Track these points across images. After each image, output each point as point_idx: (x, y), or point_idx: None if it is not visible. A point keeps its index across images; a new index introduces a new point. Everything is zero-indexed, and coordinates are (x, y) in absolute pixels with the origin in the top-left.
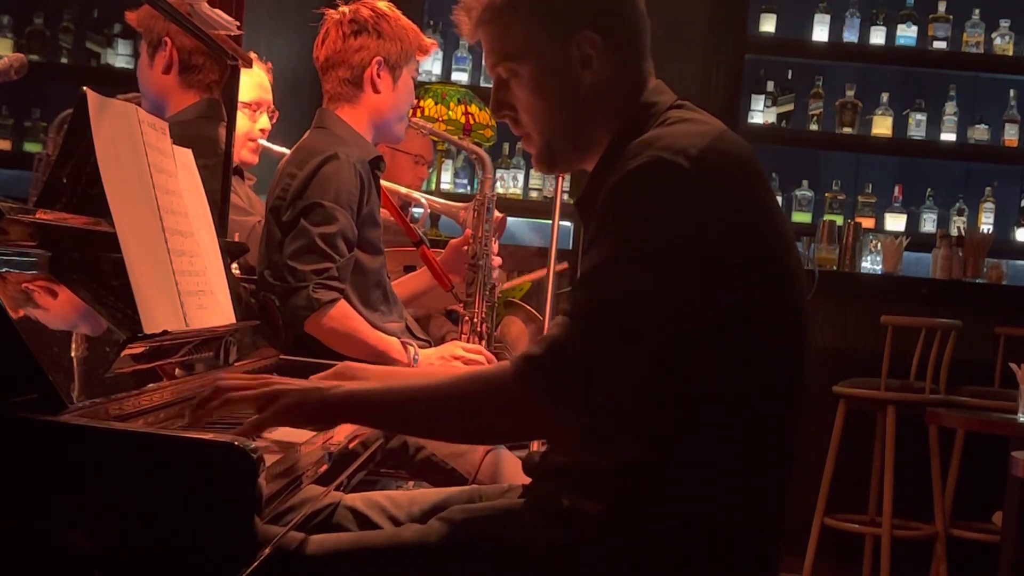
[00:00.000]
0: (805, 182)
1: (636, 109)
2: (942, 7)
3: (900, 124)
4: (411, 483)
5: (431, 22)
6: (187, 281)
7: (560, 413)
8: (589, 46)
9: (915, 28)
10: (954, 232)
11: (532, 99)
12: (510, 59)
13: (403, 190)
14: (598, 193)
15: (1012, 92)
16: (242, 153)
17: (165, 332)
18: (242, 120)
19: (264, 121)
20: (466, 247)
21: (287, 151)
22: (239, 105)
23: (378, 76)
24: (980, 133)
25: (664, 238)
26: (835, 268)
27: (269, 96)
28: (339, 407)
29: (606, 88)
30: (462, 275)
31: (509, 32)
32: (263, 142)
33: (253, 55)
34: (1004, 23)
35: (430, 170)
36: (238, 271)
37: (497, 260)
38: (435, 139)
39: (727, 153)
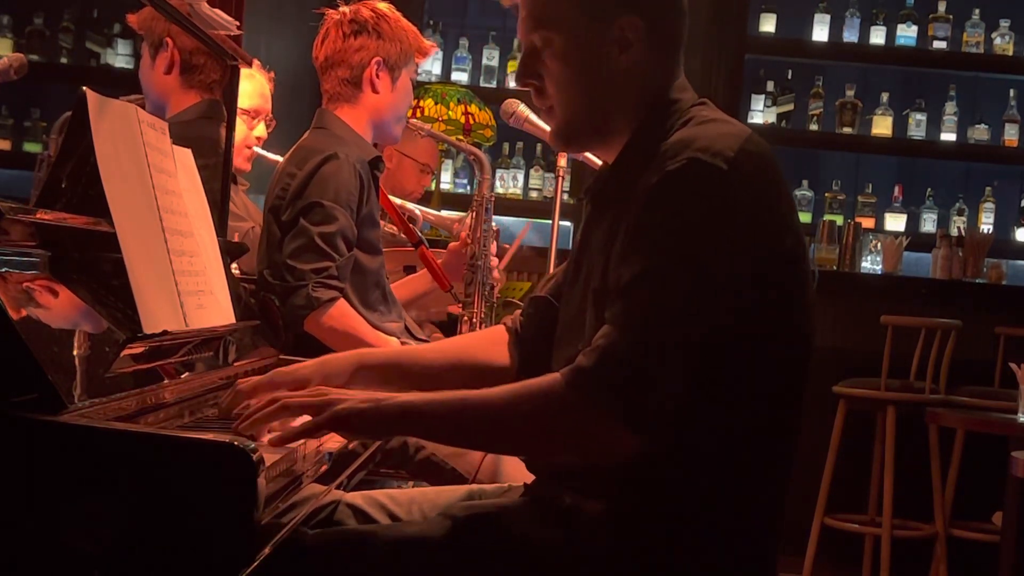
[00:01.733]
0: (805, 182)
1: (660, 103)
2: (942, 7)
3: (900, 124)
4: (411, 483)
5: (431, 22)
6: (187, 281)
7: (615, 424)
8: (631, 30)
9: (915, 28)
10: (954, 232)
11: (563, 72)
12: (547, 27)
13: (398, 201)
14: (616, 186)
15: (1012, 92)
16: (237, 159)
17: (165, 332)
18: (239, 127)
19: (261, 130)
20: (464, 249)
21: (280, 159)
22: (239, 111)
23: (377, 76)
24: (980, 133)
25: (704, 243)
26: (835, 268)
27: (268, 105)
28: (394, 418)
29: (637, 76)
30: (461, 278)
31: (552, 0)
32: (258, 149)
33: (256, 63)
34: (1004, 23)
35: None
36: (238, 271)
37: (495, 261)
38: (434, 139)
39: (758, 155)
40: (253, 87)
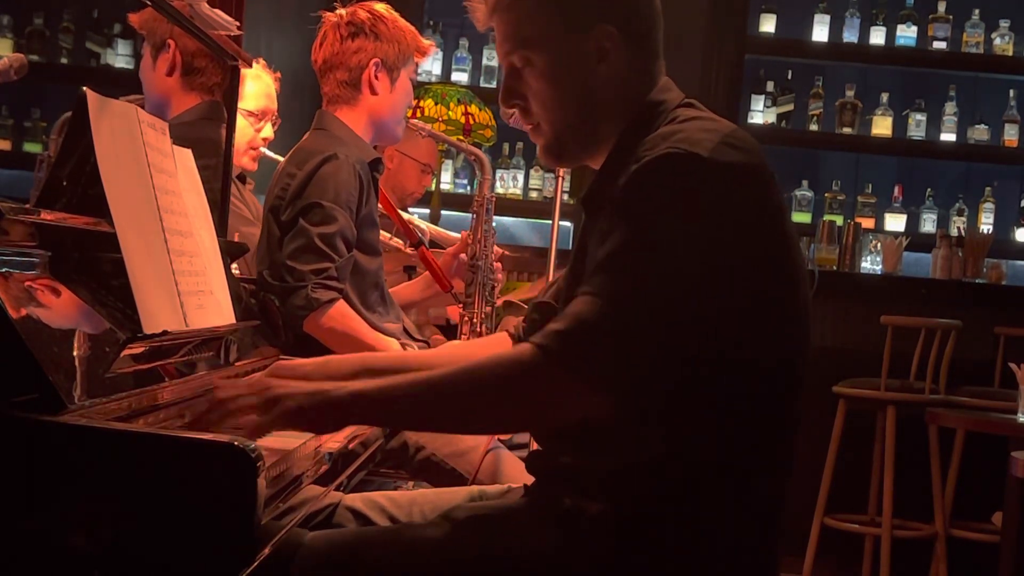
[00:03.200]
0: (805, 182)
1: (645, 106)
2: (942, 7)
3: (900, 124)
4: (411, 483)
5: (430, 22)
6: (187, 281)
7: (590, 389)
8: (606, 39)
9: (915, 28)
10: (954, 232)
11: (545, 89)
12: (526, 47)
13: (405, 216)
14: (606, 189)
15: (1012, 92)
16: (243, 160)
17: (165, 332)
18: (247, 128)
19: (268, 131)
20: (463, 254)
21: (282, 159)
22: (245, 113)
23: (375, 78)
24: (980, 133)
25: (681, 224)
26: (835, 268)
27: (275, 105)
28: (346, 408)
29: (619, 83)
30: (460, 277)
31: (527, 19)
32: (264, 149)
33: (262, 62)
34: (1004, 23)
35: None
36: (238, 271)
37: (498, 265)
38: (434, 140)
39: (740, 149)
40: (259, 88)
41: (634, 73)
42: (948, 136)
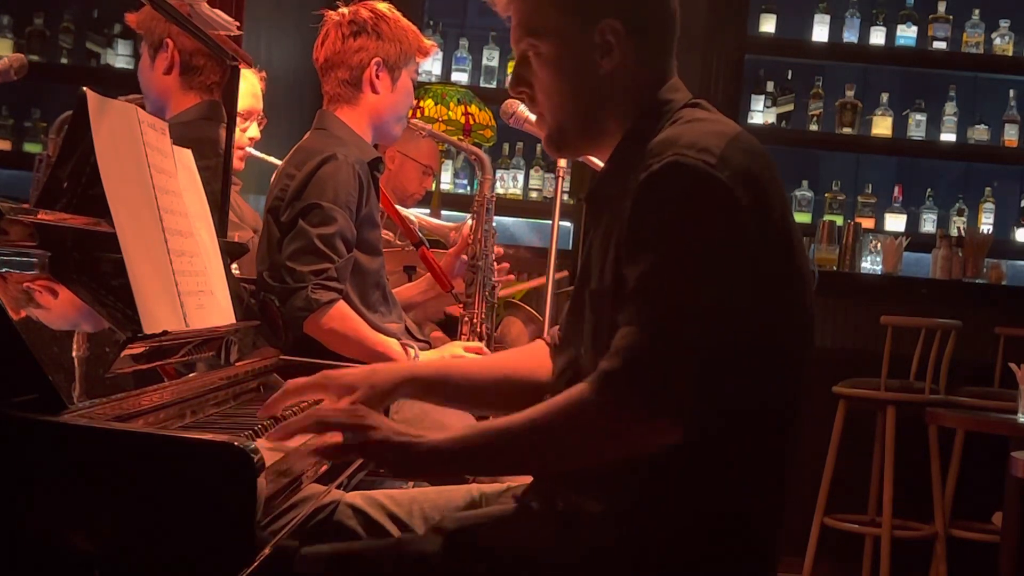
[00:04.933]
0: (805, 182)
1: (651, 104)
2: (942, 7)
3: (900, 124)
4: (411, 483)
5: (431, 22)
6: (187, 281)
7: (657, 419)
8: (611, 34)
9: (915, 28)
10: (954, 232)
11: (549, 79)
12: (534, 35)
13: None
14: (610, 188)
15: (1012, 92)
16: None
17: (165, 332)
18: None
19: (254, 130)
20: (464, 255)
21: (272, 159)
22: None
23: (376, 77)
24: (980, 133)
25: (697, 239)
26: (835, 268)
27: (260, 105)
28: (422, 461)
29: (623, 79)
30: (460, 277)
31: (538, 9)
32: (250, 149)
33: None
34: (1004, 23)
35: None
36: (238, 271)
37: (506, 265)
38: (435, 139)
39: (747, 152)
40: (245, 87)
41: (641, 70)
42: (948, 136)
